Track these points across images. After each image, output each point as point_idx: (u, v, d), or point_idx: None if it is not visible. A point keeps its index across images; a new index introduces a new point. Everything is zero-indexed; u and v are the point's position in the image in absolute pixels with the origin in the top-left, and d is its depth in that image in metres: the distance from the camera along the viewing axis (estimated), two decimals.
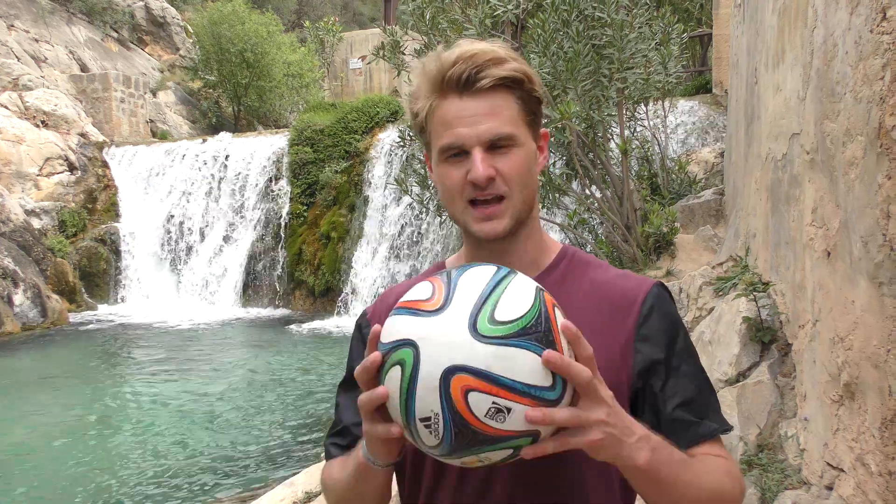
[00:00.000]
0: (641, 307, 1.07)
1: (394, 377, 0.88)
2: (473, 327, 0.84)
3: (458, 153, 1.04)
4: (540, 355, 0.84)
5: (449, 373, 0.84)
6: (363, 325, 1.20)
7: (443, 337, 0.85)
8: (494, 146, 1.03)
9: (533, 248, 1.13)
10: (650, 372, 1.05)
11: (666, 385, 1.05)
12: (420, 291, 0.92)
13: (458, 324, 0.85)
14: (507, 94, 1.04)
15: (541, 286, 0.93)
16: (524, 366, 0.84)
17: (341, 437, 1.18)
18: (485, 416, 0.84)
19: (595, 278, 1.11)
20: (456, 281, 0.90)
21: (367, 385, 0.92)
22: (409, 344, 0.87)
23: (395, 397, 0.88)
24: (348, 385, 1.18)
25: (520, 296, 0.88)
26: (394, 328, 0.90)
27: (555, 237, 2.11)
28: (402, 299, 0.94)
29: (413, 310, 0.89)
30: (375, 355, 0.90)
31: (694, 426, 1.04)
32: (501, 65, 1.02)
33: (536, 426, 0.85)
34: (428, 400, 0.85)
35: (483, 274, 0.91)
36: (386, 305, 1.16)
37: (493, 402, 0.84)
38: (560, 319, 0.89)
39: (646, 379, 1.05)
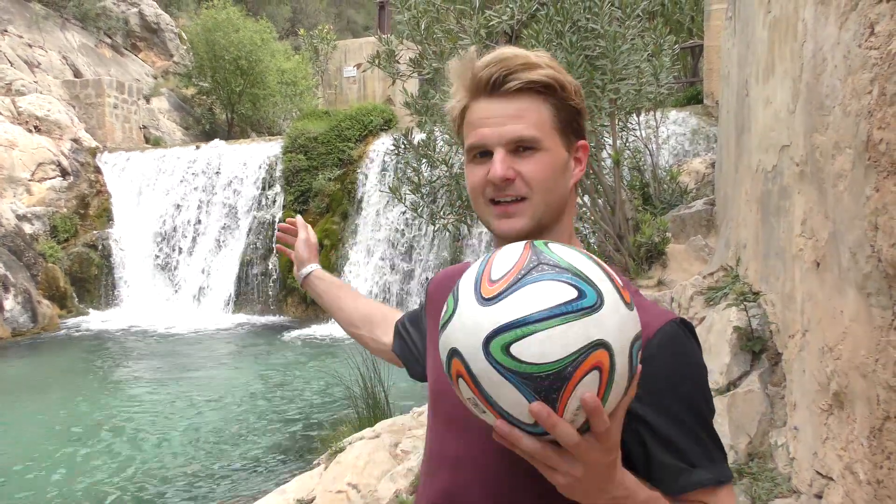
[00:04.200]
0: (645, 344, 0.98)
1: None
2: (486, 344, 0.83)
3: (484, 153, 1.05)
4: (530, 402, 0.82)
5: (452, 354, 0.87)
6: (427, 290, 1.34)
7: (466, 323, 0.85)
8: (518, 149, 1.03)
9: None
10: (638, 416, 0.98)
11: (657, 431, 0.99)
12: (504, 262, 0.88)
13: (478, 335, 0.84)
14: (537, 99, 1.03)
15: (602, 339, 0.83)
16: (508, 397, 0.83)
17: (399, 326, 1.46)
18: (465, 399, 0.88)
19: None
20: (523, 283, 0.84)
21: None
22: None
23: None
24: (409, 317, 1.45)
25: (562, 340, 0.81)
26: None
27: None
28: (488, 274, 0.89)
29: (478, 289, 0.87)
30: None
31: (684, 474, 0.99)
32: (533, 69, 1.02)
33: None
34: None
35: (557, 292, 0.83)
36: (443, 276, 1.32)
37: (474, 402, 0.87)
38: (586, 383, 0.83)
39: (633, 420, 0.98)
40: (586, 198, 6.81)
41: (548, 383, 0.82)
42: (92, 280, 14.64)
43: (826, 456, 2.39)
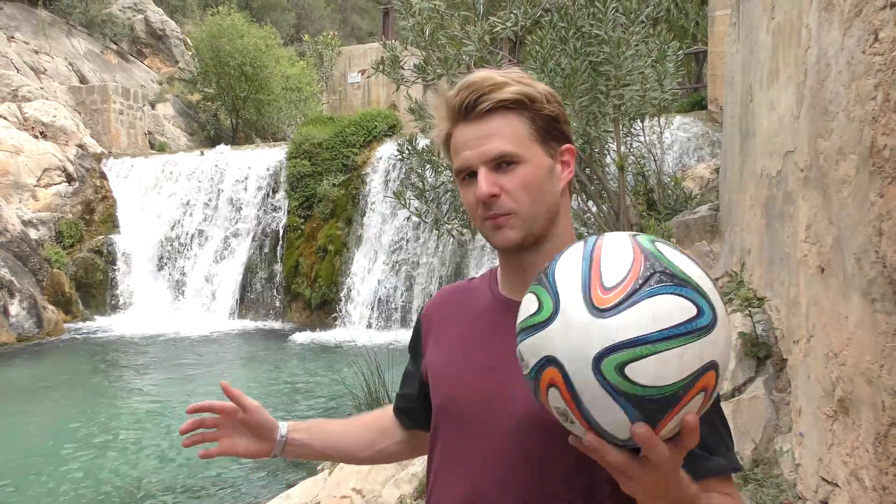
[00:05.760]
0: None
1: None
2: (598, 361, 0.79)
3: (471, 174, 1.10)
4: (631, 422, 0.80)
5: (546, 362, 0.83)
6: (420, 317, 1.32)
7: (573, 334, 0.81)
8: (500, 165, 1.08)
9: None
10: None
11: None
12: (616, 265, 0.82)
13: (589, 350, 0.79)
14: (510, 115, 1.08)
15: (714, 361, 0.81)
16: (609, 415, 0.81)
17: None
18: (552, 407, 0.85)
19: None
20: (641, 295, 0.80)
21: None
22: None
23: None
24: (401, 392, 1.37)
25: (678, 363, 0.79)
26: None
27: None
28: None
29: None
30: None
31: (703, 461, 1.04)
32: (501, 89, 1.08)
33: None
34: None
35: (677, 309, 0.79)
36: (441, 300, 1.30)
37: (563, 411, 0.84)
38: (691, 405, 0.82)
39: None
40: (590, 203, 6.82)
41: (657, 406, 0.80)
42: (97, 285, 14.67)
43: (831, 462, 2.38)
